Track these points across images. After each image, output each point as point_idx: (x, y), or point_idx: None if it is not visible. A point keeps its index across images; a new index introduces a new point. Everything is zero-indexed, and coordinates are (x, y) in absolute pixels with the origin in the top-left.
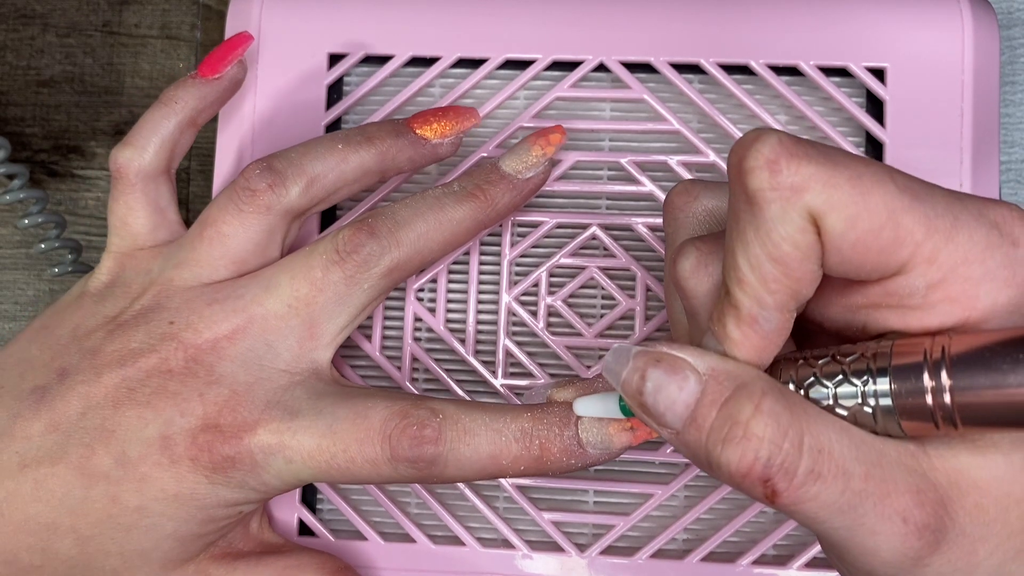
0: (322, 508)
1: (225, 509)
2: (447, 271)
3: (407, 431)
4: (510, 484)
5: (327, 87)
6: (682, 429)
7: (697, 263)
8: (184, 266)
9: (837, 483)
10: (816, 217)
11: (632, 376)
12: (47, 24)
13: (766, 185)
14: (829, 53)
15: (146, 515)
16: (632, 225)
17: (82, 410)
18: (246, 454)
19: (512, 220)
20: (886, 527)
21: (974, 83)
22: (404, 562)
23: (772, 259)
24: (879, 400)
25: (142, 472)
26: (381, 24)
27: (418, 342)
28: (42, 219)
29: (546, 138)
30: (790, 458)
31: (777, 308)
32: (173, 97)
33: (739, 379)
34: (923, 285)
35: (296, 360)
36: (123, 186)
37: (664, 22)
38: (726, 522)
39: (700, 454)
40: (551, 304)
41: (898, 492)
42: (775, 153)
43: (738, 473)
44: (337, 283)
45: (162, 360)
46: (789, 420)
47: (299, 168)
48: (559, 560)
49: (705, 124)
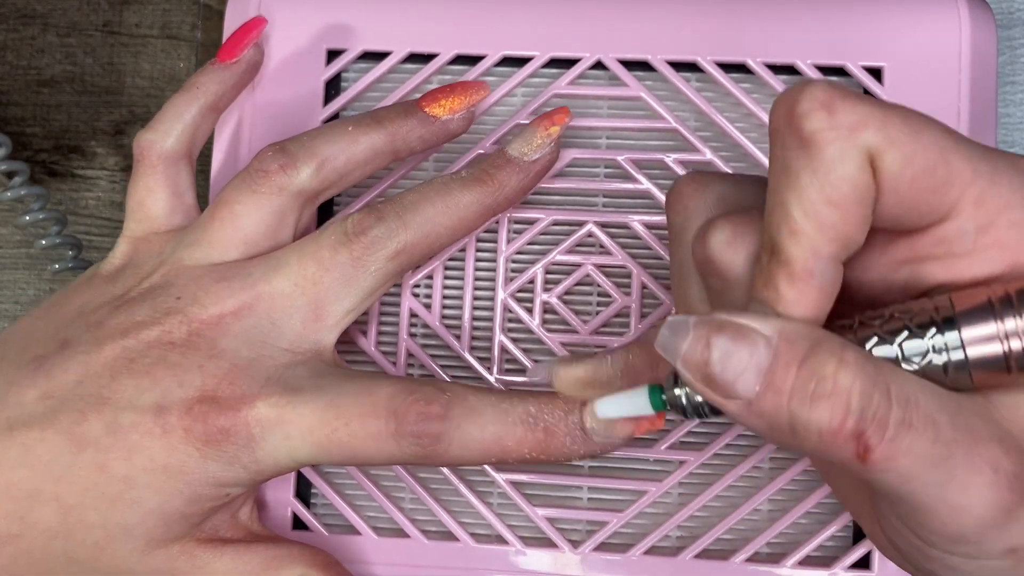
0: (316, 502)
1: (213, 488)
2: (443, 267)
3: (414, 406)
4: (504, 479)
5: (325, 83)
6: (756, 397)
7: (732, 235)
8: (195, 246)
9: (928, 432)
10: (874, 156)
11: (695, 347)
12: (47, 24)
13: (824, 125)
14: (826, 52)
15: (132, 486)
16: (628, 223)
17: (79, 378)
18: (242, 427)
19: (508, 216)
20: (977, 479)
21: (971, 83)
22: (397, 557)
23: (830, 202)
24: (949, 353)
25: (133, 440)
26: (379, 20)
27: (413, 338)
28: (43, 216)
29: (550, 119)
30: (881, 409)
31: (832, 257)
32: (195, 83)
33: (812, 337)
34: (972, 229)
35: (299, 340)
36: (144, 168)
37: (662, 20)
38: (720, 519)
39: (780, 420)
40: (547, 301)
41: (984, 441)
42: (828, 96)
43: (829, 431)
44: (344, 264)
45: (165, 332)
46: (875, 371)
47: (310, 150)
48: (552, 556)
49: (702, 122)
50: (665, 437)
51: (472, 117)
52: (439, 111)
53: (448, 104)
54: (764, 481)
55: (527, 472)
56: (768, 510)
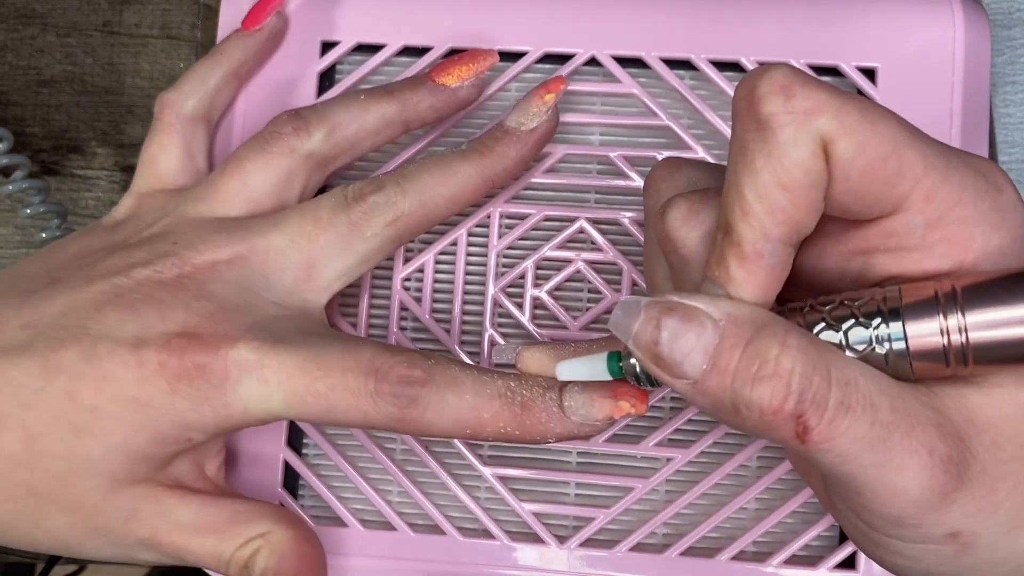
0: (303, 494)
1: (176, 428)
2: (434, 260)
3: (397, 366)
4: (492, 474)
5: (318, 74)
6: (702, 377)
7: (688, 211)
8: (199, 200)
9: (866, 415)
10: (827, 142)
11: (646, 327)
12: (47, 24)
13: (780, 109)
14: (820, 52)
15: (99, 417)
16: (620, 219)
17: (64, 310)
18: (219, 365)
19: (500, 211)
20: (913, 460)
21: (964, 85)
22: (384, 550)
23: (781, 186)
24: (892, 343)
25: (106, 369)
26: (374, 13)
27: (403, 331)
28: (44, 208)
29: (546, 87)
30: (820, 391)
31: (782, 240)
32: (220, 50)
33: (758, 320)
34: (921, 223)
35: (289, 296)
36: (160, 125)
37: (656, 17)
38: (706, 517)
39: (724, 399)
40: (537, 296)
41: (922, 425)
42: (788, 80)
43: (770, 410)
44: (341, 225)
45: (156, 271)
46: (816, 354)
47: (322, 115)
48: (539, 551)
49: (695, 120)
50: (652, 434)
51: (482, 85)
52: (448, 80)
53: (457, 72)
54: (751, 480)
55: (515, 467)
56: (754, 508)
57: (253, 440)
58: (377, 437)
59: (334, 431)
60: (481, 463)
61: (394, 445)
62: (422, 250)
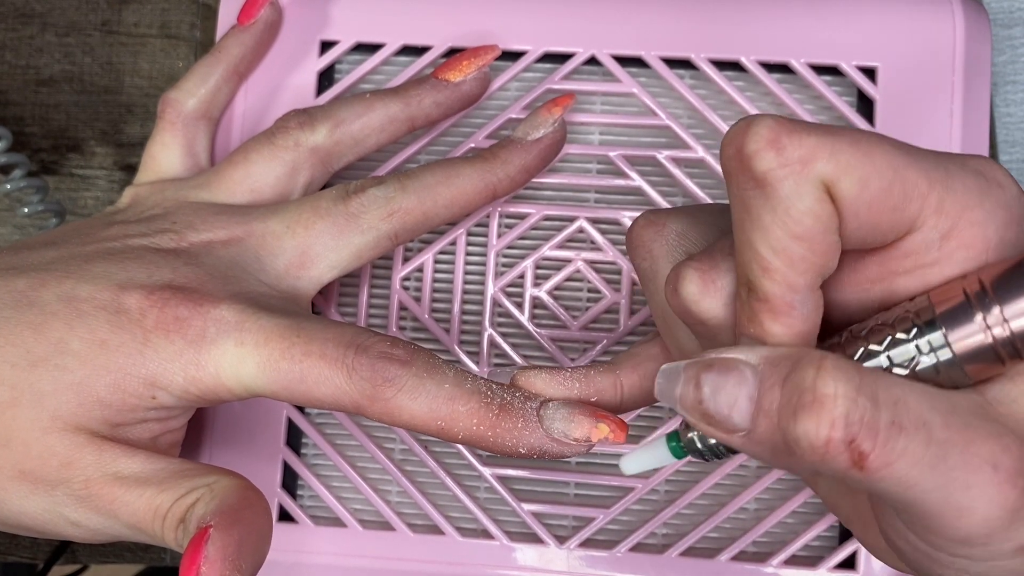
0: (302, 494)
1: (139, 383)
2: (433, 260)
3: (379, 345)
4: (491, 474)
5: (318, 74)
6: (752, 425)
7: (703, 282)
8: (203, 187)
9: (920, 434)
10: (829, 185)
11: (688, 388)
12: (46, 23)
13: (774, 164)
14: (820, 51)
15: (62, 352)
16: (619, 219)
17: (52, 260)
18: (199, 322)
19: (500, 211)
20: (978, 478)
21: (964, 84)
22: (383, 550)
23: (795, 237)
24: (937, 353)
25: (82, 310)
26: (373, 12)
27: (403, 331)
28: (42, 208)
29: (554, 103)
30: (868, 412)
31: (809, 288)
32: (219, 48)
33: (794, 355)
34: (937, 236)
35: (279, 279)
36: (164, 124)
37: (656, 17)
38: (706, 517)
39: (776, 443)
40: (536, 296)
41: (980, 439)
42: (774, 132)
43: (819, 443)
44: (339, 215)
45: (152, 242)
46: (858, 376)
47: (328, 112)
48: (538, 551)
49: (695, 120)
50: (652, 434)
51: (486, 80)
52: (452, 75)
53: (459, 67)
54: (751, 480)
55: (515, 467)
56: (754, 509)
57: (252, 440)
58: (376, 437)
59: (334, 431)
60: (480, 463)
61: (393, 445)
62: (421, 250)
